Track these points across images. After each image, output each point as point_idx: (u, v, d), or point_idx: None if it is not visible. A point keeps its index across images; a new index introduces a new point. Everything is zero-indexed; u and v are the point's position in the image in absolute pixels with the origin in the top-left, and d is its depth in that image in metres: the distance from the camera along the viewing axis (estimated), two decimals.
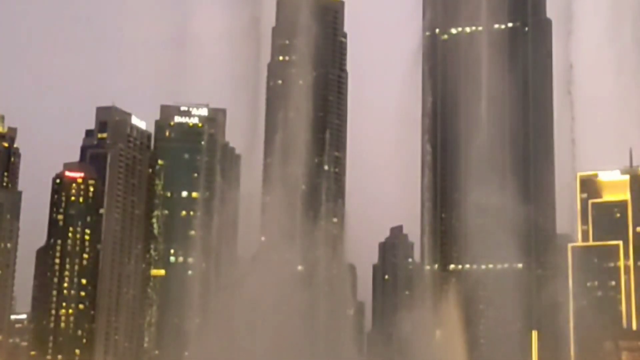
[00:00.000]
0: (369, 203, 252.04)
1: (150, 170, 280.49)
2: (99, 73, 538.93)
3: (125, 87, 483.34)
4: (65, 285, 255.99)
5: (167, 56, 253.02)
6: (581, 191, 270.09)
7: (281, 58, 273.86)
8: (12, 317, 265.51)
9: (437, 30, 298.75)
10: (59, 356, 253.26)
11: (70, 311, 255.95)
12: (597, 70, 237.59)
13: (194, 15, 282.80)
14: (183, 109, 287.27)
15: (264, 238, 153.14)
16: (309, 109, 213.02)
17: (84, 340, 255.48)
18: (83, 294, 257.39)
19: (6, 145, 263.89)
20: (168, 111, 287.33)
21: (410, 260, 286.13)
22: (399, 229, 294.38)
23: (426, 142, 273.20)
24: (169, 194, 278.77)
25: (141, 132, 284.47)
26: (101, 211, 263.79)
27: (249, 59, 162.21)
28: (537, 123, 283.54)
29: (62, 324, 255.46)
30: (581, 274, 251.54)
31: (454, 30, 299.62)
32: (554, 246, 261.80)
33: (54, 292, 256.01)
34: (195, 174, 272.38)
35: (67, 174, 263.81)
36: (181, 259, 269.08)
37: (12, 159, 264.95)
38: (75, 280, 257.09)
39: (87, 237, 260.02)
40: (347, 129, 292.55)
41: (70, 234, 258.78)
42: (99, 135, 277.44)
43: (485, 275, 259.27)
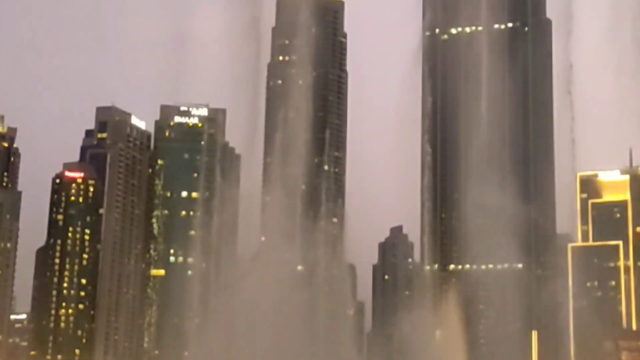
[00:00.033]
0: (369, 203, 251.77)
1: (150, 170, 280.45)
2: (99, 73, 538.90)
3: (125, 87, 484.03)
4: (65, 285, 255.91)
5: (167, 56, 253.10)
6: (581, 191, 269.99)
7: (281, 58, 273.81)
8: (12, 317, 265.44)
9: (437, 30, 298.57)
10: (59, 356, 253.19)
11: (70, 311, 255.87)
12: (597, 70, 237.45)
13: (194, 15, 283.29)
14: (183, 109, 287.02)
15: (264, 238, 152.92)
16: (309, 109, 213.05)
17: (84, 340, 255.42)
18: (83, 294, 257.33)
19: (6, 145, 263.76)
20: (168, 111, 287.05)
21: (410, 260, 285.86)
22: (399, 229, 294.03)
23: (426, 142, 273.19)
24: (168, 194, 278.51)
25: (141, 132, 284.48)
26: (101, 211, 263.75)
27: (249, 59, 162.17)
28: (537, 123, 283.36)
29: (62, 324, 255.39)
30: (581, 274, 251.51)
31: (453, 30, 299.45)
32: (554, 246, 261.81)
33: (54, 292, 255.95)
34: (195, 174, 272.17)
35: (67, 174, 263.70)
36: (181, 259, 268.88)
37: (12, 159, 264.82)
38: (75, 280, 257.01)
39: (87, 237, 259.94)
40: (347, 129, 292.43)
41: (70, 234, 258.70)
42: (99, 135, 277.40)
43: (485, 275, 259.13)
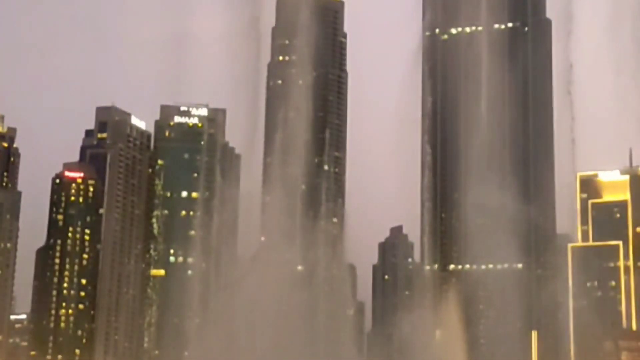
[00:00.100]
0: (369, 203, 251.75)
1: (150, 170, 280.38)
2: (99, 73, 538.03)
3: (125, 87, 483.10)
4: (65, 285, 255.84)
5: (167, 56, 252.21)
6: (581, 191, 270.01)
7: (281, 58, 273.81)
8: (12, 317, 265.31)
9: (437, 30, 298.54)
10: (59, 356, 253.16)
11: (70, 311, 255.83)
12: (597, 70, 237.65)
13: (194, 15, 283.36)
14: (183, 109, 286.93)
15: (263, 238, 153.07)
16: (308, 109, 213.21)
17: (84, 340, 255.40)
18: (83, 294, 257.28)
19: (6, 145, 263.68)
20: (168, 111, 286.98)
21: (410, 260, 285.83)
22: (399, 229, 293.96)
23: (426, 142, 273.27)
24: (168, 194, 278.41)
25: (141, 132, 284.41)
26: (101, 211, 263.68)
27: (249, 59, 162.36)
28: (537, 123, 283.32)
29: (62, 324, 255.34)
30: (581, 274, 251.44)
31: (453, 30, 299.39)
32: (554, 246, 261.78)
33: (54, 292, 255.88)
34: (195, 174, 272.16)
35: (66, 174, 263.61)
36: (181, 259, 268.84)
37: (12, 159, 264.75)
38: (75, 280, 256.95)
39: (87, 237, 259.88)
40: (347, 129, 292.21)
41: (70, 234, 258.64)
42: (99, 135, 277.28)
43: (485, 275, 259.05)
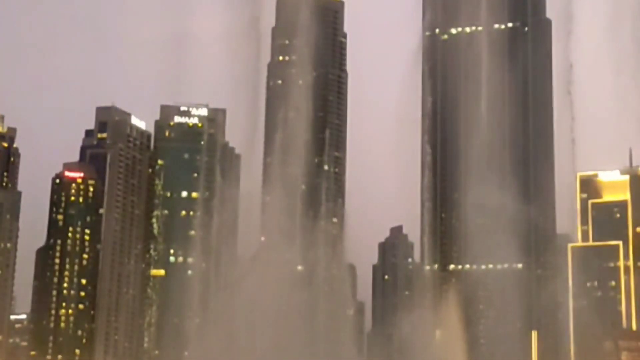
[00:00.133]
0: (369, 203, 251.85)
1: (150, 170, 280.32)
2: (99, 73, 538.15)
3: (125, 87, 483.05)
4: (65, 285, 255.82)
5: (167, 56, 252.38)
6: (581, 191, 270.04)
7: (281, 58, 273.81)
8: (12, 317, 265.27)
9: (437, 30, 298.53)
10: (59, 356, 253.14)
11: (70, 311, 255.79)
12: (597, 70, 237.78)
13: (194, 15, 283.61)
14: (183, 109, 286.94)
15: (263, 238, 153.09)
16: (308, 109, 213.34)
17: (84, 340, 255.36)
18: (83, 294, 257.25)
19: (6, 145, 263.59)
20: (168, 111, 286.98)
21: (410, 260, 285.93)
22: (398, 229, 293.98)
23: (426, 142, 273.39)
24: (168, 194, 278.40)
25: (141, 132, 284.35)
26: (101, 211, 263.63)
27: (249, 59, 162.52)
28: (537, 123, 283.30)
29: (62, 324, 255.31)
30: (581, 274, 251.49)
31: (453, 30, 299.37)
32: (554, 246, 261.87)
33: (54, 292, 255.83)
34: (195, 174, 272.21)
35: (66, 174, 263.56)
36: (181, 259, 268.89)
37: (12, 159, 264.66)
38: (75, 280, 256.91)
39: (87, 237, 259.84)
40: (347, 129, 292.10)
41: (70, 234, 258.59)
42: (99, 135, 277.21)
43: (485, 275, 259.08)
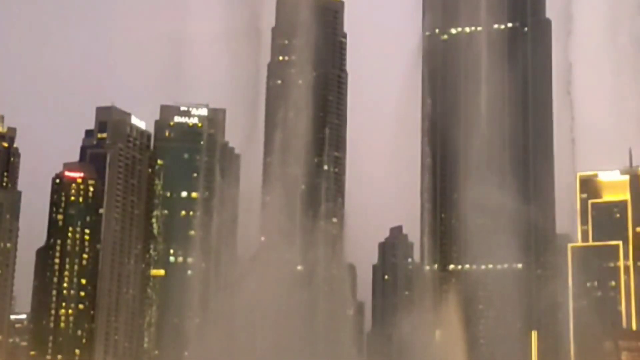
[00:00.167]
0: (369, 203, 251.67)
1: (150, 170, 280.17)
2: (99, 73, 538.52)
3: (125, 87, 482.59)
4: (65, 285, 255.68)
5: (167, 56, 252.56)
6: (581, 191, 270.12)
7: (281, 58, 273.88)
8: (12, 317, 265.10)
9: (437, 30, 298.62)
10: (59, 356, 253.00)
11: (70, 311, 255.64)
12: (597, 70, 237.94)
13: (194, 15, 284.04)
14: (183, 109, 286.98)
15: (263, 238, 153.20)
16: (308, 108, 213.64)
17: (84, 340, 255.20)
18: (83, 294, 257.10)
19: (6, 145, 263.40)
20: (168, 111, 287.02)
21: (410, 260, 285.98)
22: (398, 229, 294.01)
23: (426, 142, 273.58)
24: (168, 194, 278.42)
25: (141, 132, 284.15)
26: (101, 211, 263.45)
27: (249, 59, 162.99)
28: (537, 123, 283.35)
29: (62, 324, 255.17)
30: (581, 274, 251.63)
31: (453, 31, 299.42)
32: (554, 246, 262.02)
33: (54, 292, 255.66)
34: (195, 174, 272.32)
35: (66, 174, 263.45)
36: (181, 259, 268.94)
37: (12, 158, 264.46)
38: (75, 280, 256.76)
39: (86, 237, 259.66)
40: (346, 129, 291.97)
41: (70, 234, 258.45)
42: (99, 135, 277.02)
43: (485, 275, 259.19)
